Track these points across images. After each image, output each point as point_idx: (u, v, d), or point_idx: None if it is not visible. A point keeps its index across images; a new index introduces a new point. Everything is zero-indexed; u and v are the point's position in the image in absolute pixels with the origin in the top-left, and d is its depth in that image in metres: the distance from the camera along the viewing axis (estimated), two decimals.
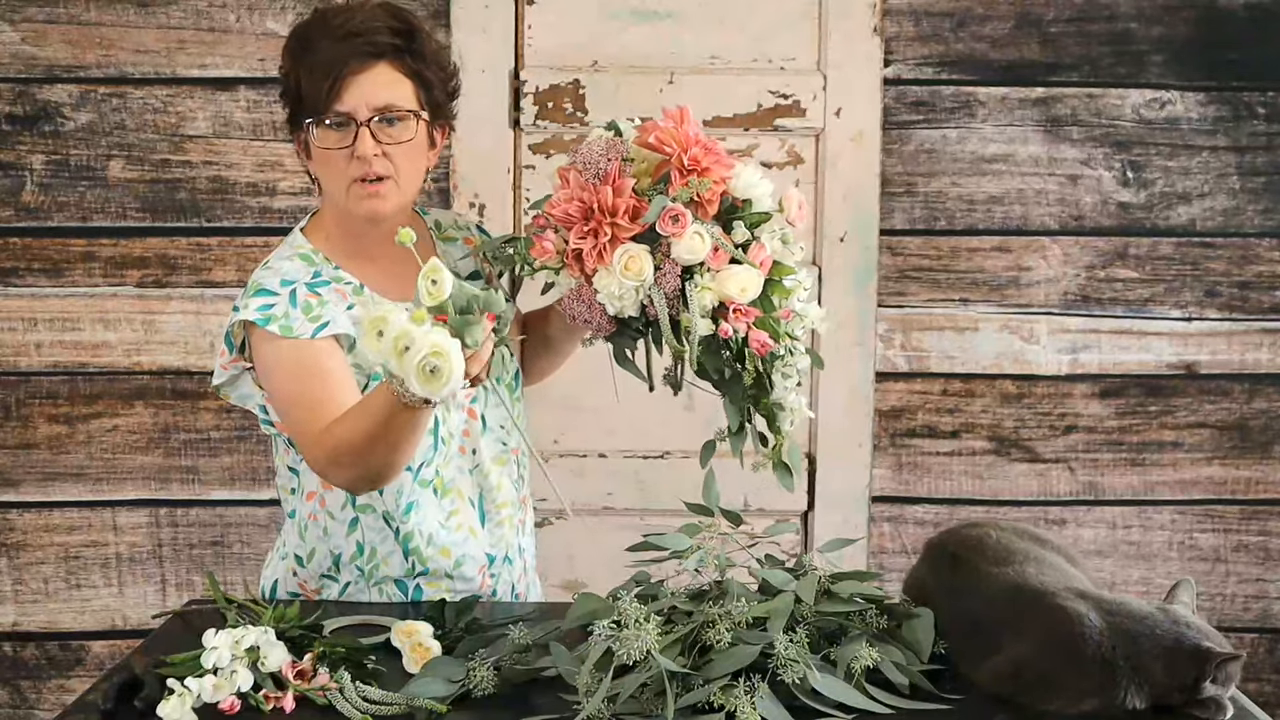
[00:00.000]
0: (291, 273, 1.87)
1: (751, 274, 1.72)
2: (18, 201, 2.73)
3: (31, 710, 2.84)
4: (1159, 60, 2.76)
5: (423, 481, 1.90)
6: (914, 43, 2.75)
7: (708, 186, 1.72)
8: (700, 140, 1.75)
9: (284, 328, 1.80)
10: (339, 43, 1.79)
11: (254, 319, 1.81)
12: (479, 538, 1.95)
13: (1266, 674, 2.91)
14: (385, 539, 1.91)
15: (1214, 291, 2.82)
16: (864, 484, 2.81)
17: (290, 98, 1.85)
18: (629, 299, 1.72)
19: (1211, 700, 1.52)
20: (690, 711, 1.47)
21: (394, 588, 1.94)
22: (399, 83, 1.82)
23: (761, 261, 1.74)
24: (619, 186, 1.72)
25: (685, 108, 1.77)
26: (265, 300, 1.83)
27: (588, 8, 2.71)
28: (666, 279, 1.72)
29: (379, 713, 1.53)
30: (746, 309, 1.72)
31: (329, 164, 1.82)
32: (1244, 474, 2.86)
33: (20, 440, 2.78)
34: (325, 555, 1.94)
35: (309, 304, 1.83)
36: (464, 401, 1.94)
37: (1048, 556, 1.69)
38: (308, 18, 1.88)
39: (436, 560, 1.92)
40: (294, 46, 1.84)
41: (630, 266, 1.71)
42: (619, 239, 1.71)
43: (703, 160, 1.73)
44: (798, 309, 1.79)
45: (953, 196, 2.78)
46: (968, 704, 1.55)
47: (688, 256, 1.71)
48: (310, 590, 1.98)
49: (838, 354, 2.77)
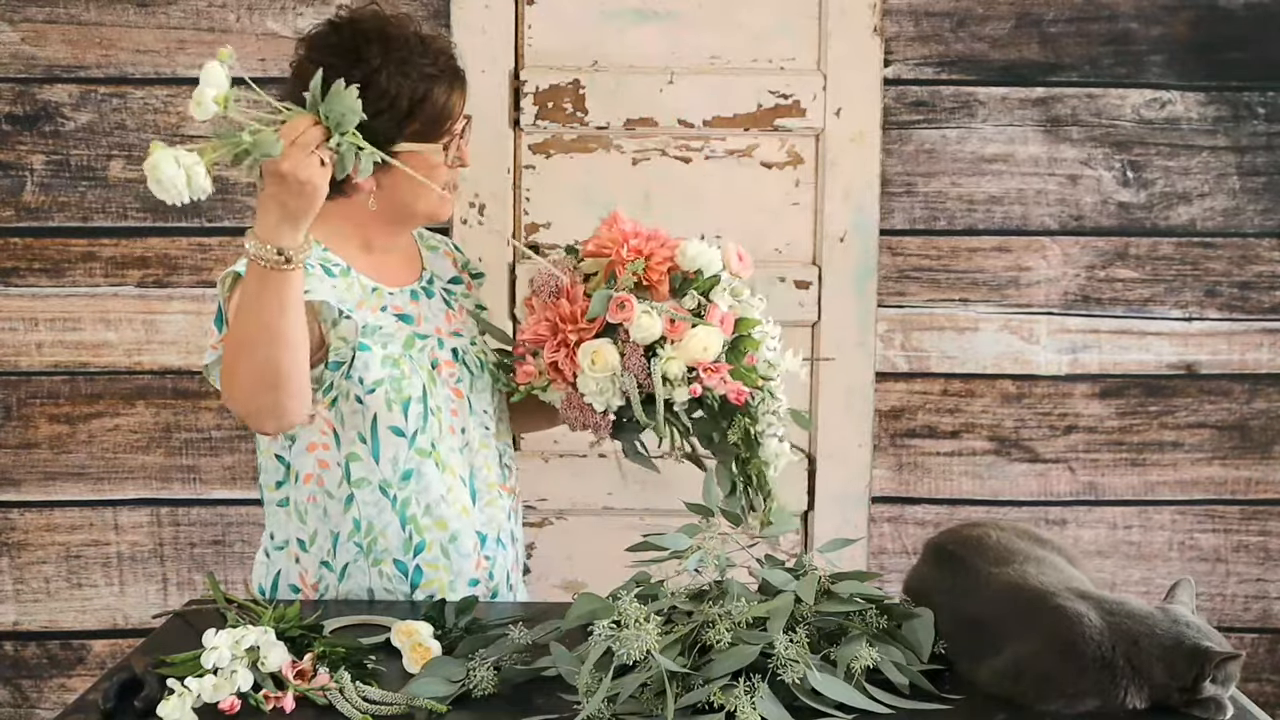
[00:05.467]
0: None
1: (710, 332, 1.84)
2: (18, 201, 2.73)
3: (32, 709, 2.84)
4: (1159, 60, 2.76)
5: (420, 450, 1.94)
6: (914, 43, 2.75)
7: (641, 267, 1.85)
8: (639, 232, 1.88)
9: None
10: (449, 64, 1.93)
11: (241, 270, 1.83)
12: (471, 516, 1.98)
13: (1266, 674, 2.91)
14: (382, 512, 1.94)
15: (1214, 291, 2.82)
16: (864, 484, 2.81)
17: (394, 119, 1.88)
18: (608, 391, 1.85)
19: (1211, 700, 1.52)
20: (690, 711, 1.47)
21: (393, 567, 1.95)
22: None
23: (721, 320, 1.85)
24: (573, 295, 1.87)
25: (615, 211, 1.93)
26: None
27: (588, 8, 2.71)
28: (632, 361, 1.84)
29: (379, 713, 1.54)
30: (715, 365, 1.83)
31: (437, 177, 1.91)
32: (1244, 474, 2.86)
33: (21, 440, 2.78)
34: (326, 536, 1.97)
35: None
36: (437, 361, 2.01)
37: (1048, 556, 1.69)
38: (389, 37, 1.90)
39: (433, 532, 1.95)
40: (406, 71, 1.88)
41: (596, 360, 1.84)
42: (583, 339, 1.85)
43: (644, 248, 1.86)
44: (769, 358, 1.89)
45: (953, 196, 2.78)
46: (968, 704, 1.55)
47: (643, 336, 1.83)
48: (308, 585, 1.99)
49: (838, 354, 2.77)
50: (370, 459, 1.94)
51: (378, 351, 1.91)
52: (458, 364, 2.02)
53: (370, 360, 1.91)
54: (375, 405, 1.92)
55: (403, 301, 2.00)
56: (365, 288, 1.96)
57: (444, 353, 2.01)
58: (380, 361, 1.91)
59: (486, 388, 2.06)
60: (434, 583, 1.97)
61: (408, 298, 2.02)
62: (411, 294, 2.03)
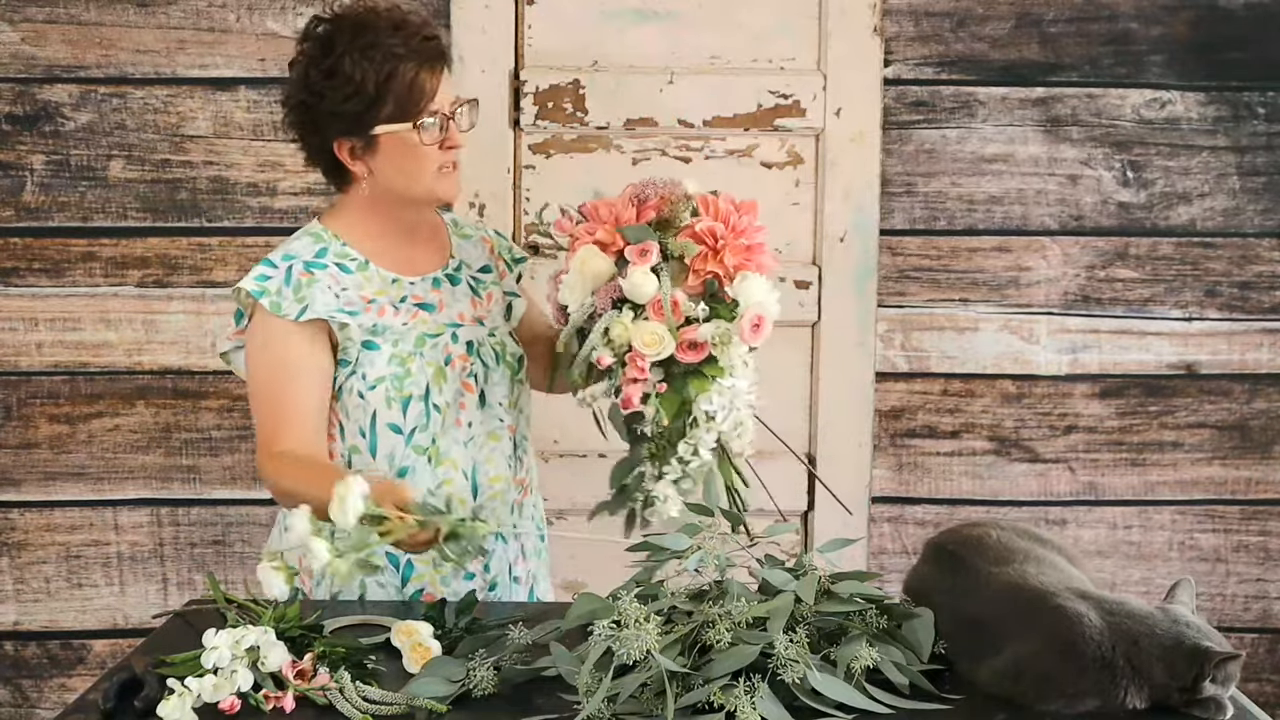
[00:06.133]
0: (296, 250, 2.00)
1: (667, 340, 1.79)
2: (18, 201, 2.73)
3: (33, 709, 2.84)
4: (1159, 60, 2.76)
5: (417, 448, 1.97)
6: (914, 43, 2.75)
7: (693, 251, 1.81)
8: (737, 228, 1.85)
9: (274, 304, 1.93)
10: (420, 43, 1.93)
11: (251, 288, 1.95)
12: (467, 508, 1.96)
13: (1266, 674, 2.91)
14: None
15: (1214, 291, 2.82)
16: (864, 484, 2.81)
17: (365, 101, 1.91)
18: (576, 293, 1.84)
19: (1211, 700, 1.52)
20: (690, 711, 1.47)
21: (385, 559, 1.95)
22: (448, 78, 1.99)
23: (694, 345, 1.80)
24: (642, 212, 1.85)
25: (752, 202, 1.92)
26: (265, 271, 1.97)
27: (588, 8, 2.71)
28: (602, 296, 1.83)
29: (379, 713, 1.53)
30: (641, 366, 1.79)
31: (422, 157, 1.94)
32: (1244, 474, 2.86)
33: (21, 440, 2.78)
34: None
35: (300, 283, 1.96)
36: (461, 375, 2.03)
37: (1048, 556, 1.69)
38: (362, 24, 1.93)
39: None
40: (371, 54, 1.91)
41: (587, 262, 1.83)
42: (599, 243, 1.84)
43: (721, 237, 1.83)
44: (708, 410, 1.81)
45: (953, 196, 2.78)
46: (968, 704, 1.55)
47: (628, 288, 1.81)
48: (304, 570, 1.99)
49: (838, 354, 2.77)
50: (368, 453, 1.97)
51: (385, 350, 1.95)
52: (472, 357, 2.03)
53: (376, 358, 1.95)
54: (375, 402, 1.95)
55: (423, 290, 2.03)
56: (384, 279, 2.00)
57: (458, 347, 2.02)
58: (386, 360, 1.95)
59: (504, 380, 2.06)
60: (424, 577, 1.99)
61: (429, 286, 2.04)
62: (434, 281, 2.05)
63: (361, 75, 1.90)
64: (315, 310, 1.94)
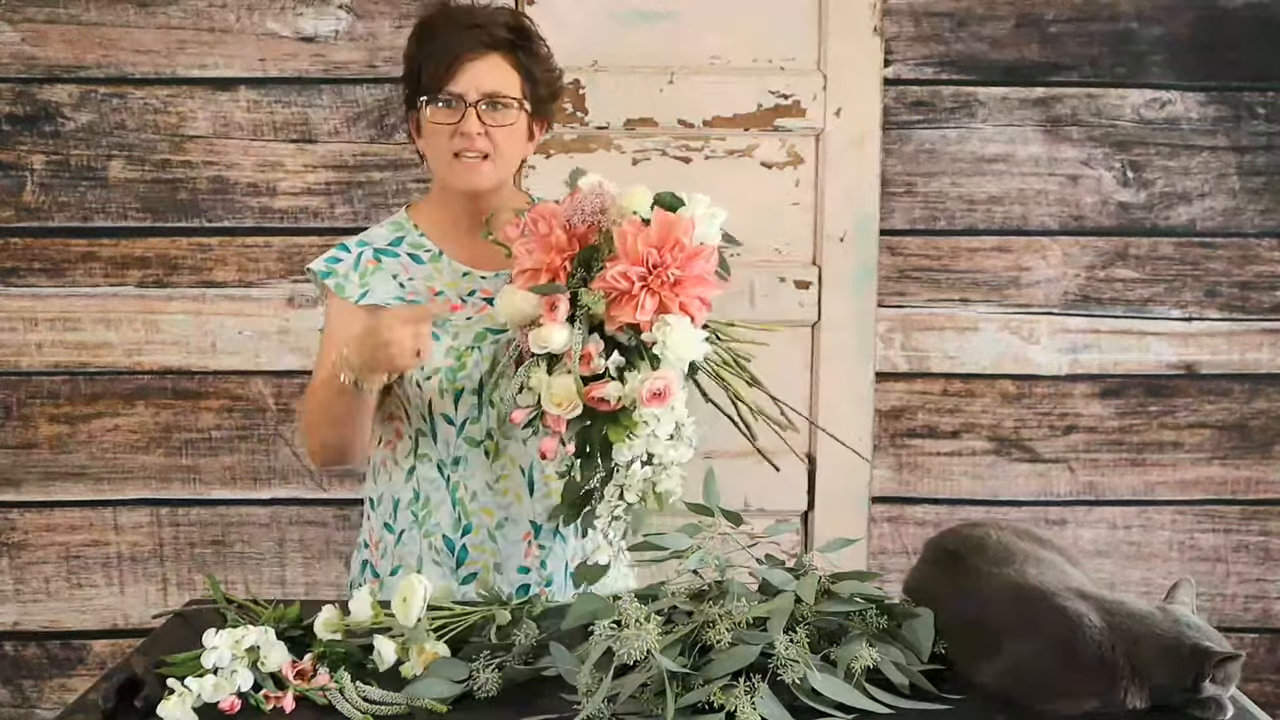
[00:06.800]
0: (372, 237, 2.07)
1: (571, 392, 1.72)
2: (18, 201, 2.73)
3: (33, 709, 2.84)
4: (1159, 60, 2.76)
5: (469, 439, 2.00)
6: (914, 43, 2.75)
7: (601, 308, 1.72)
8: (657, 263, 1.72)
9: (338, 286, 2.01)
10: (461, 31, 1.96)
11: (320, 269, 2.03)
12: (524, 504, 2.01)
13: (1266, 674, 2.91)
14: (438, 488, 2.01)
15: (1214, 291, 2.82)
16: (864, 484, 2.81)
17: (410, 79, 2.00)
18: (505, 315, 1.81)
19: (1211, 700, 1.52)
20: (690, 711, 1.47)
21: (442, 542, 2.00)
22: (508, 74, 1.97)
23: (601, 400, 1.73)
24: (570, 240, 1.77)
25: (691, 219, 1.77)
26: (337, 255, 2.05)
27: (588, 8, 2.71)
28: (523, 337, 1.79)
29: (379, 713, 1.53)
30: (557, 417, 1.74)
31: (436, 138, 1.97)
32: (1244, 474, 2.86)
33: (21, 440, 2.78)
34: (389, 500, 2.06)
35: (365, 270, 2.03)
36: None
37: (1048, 557, 1.69)
38: (433, 10, 2.03)
39: (480, 517, 2.01)
40: (419, 33, 2.01)
41: (510, 302, 1.80)
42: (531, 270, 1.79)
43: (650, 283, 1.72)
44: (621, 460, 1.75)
45: (953, 196, 2.78)
46: (968, 704, 1.55)
47: (535, 340, 1.75)
48: (374, 542, 2.07)
49: (838, 354, 2.77)
50: (430, 438, 2.02)
51: (445, 341, 1.98)
52: None
53: (435, 349, 1.97)
54: (429, 391, 1.99)
55: (494, 285, 2.04)
56: (456, 271, 2.04)
57: None
58: (444, 352, 1.98)
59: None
60: (478, 564, 2.01)
61: (501, 282, 2.03)
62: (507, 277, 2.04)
63: (410, 53, 2.00)
64: (374, 296, 2.00)
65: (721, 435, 1.93)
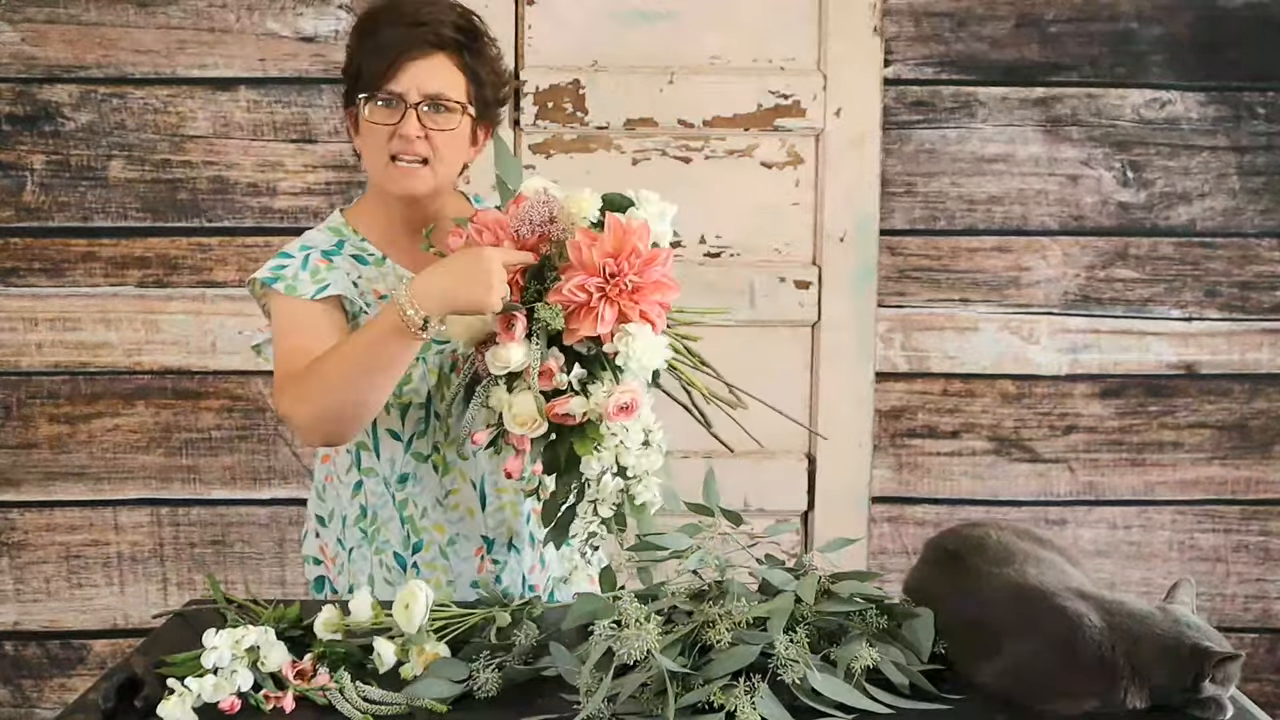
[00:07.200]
0: (314, 240, 1.96)
1: (532, 412, 1.68)
2: (18, 201, 2.73)
3: (33, 709, 2.84)
4: (1159, 60, 2.76)
5: (417, 454, 1.94)
6: (914, 43, 2.75)
7: (559, 323, 1.67)
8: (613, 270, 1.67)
9: (289, 287, 1.89)
10: (404, 29, 1.87)
11: (264, 277, 1.91)
12: (476, 519, 1.97)
13: (1266, 674, 2.91)
14: (385, 504, 1.96)
15: (1214, 291, 2.82)
16: (864, 484, 2.81)
17: (350, 75, 1.92)
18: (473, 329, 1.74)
19: (1211, 700, 1.52)
20: (690, 711, 1.47)
21: (393, 560, 1.96)
22: (453, 75, 1.88)
23: (565, 415, 1.70)
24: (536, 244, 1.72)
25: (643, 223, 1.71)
26: (280, 262, 1.93)
27: (588, 8, 2.71)
28: (482, 352, 1.73)
29: (379, 713, 1.53)
30: (521, 436, 1.70)
31: (373, 138, 1.88)
32: (1244, 474, 2.86)
33: (21, 440, 2.78)
34: (338, 517, 2.01)
35: (317, 269, 1.92)
36: None
37: (1048, 557, 1.69)
38: (379, 3, 1.94)
39: (430, 533, 1.96)
40: (361, 27, 1.93)
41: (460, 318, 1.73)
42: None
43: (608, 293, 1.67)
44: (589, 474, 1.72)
45: (953, 196, 2.78)
46: (968, 704, 1.55)
47: (492, 362, 1.70)
48: (329, 557, 2.02)
49: (838, 354, 2.77)
50: (373, 454, 1.96)
51: None
52: None
53: None
54: None
55: None
56: (399, 277, 1.94)
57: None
58: None
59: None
60: (431, 582, 1.96)
61: None
62: None
63: (351, 46, 1.92)
64: (335, 288, 1.90)
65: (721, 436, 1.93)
